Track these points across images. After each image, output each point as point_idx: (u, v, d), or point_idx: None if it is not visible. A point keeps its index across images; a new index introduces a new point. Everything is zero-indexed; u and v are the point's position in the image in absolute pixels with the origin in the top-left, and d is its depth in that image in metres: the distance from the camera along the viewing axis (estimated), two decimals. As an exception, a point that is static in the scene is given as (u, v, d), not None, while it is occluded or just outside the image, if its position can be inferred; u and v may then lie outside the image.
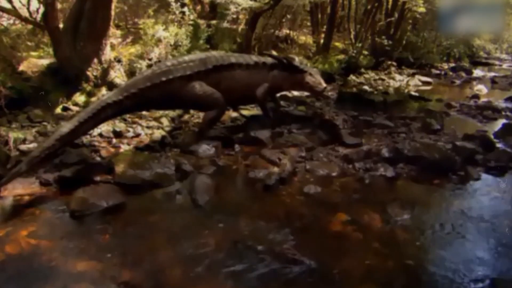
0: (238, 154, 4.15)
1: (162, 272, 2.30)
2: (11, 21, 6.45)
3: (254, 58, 4.96)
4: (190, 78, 4.27)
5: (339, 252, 2.58)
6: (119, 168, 3.37)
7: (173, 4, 6.95)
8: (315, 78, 4.89)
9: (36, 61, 5.37)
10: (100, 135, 4.32)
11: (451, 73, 13.49)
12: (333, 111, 6.10)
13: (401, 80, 10.13)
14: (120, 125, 4.62)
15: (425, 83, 10.68)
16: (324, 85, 4.74)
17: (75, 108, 4.97)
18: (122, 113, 4.40)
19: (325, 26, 11.23)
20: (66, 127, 3.42)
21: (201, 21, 7.45)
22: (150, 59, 5.99)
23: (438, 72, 13.51)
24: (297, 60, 5.56)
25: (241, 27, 8.94)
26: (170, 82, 4.15)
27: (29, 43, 6.17)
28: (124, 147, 4.12)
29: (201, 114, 4.82)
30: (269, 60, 4.99)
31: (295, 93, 6.76)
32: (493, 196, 3.51)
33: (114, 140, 4.28)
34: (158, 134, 4.52)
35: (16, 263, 2.28)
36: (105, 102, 3.76)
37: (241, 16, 9.05)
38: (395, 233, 2.83)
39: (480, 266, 2.47)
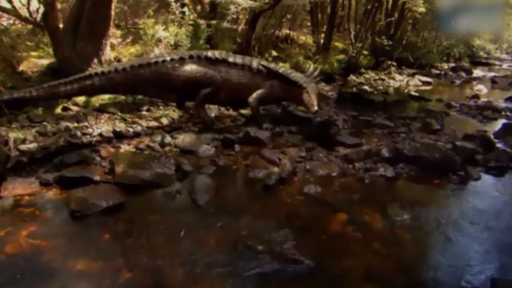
0: (238, 154, 4.14)
1: (162, 272, 2.30)
2: (11, 21, 6.44)
3: (254, 63, 4.96)
4: (183, 61, 4.61)
5: (339, 252, 2.58)
6: (119, 168, 3.37)
7: (173, 4, 6.96)
8: (310, 98, 4.74)
9: (36, 61, 5.38)
10: (100, 135, 4.32)
11: (451, 73, 13.51)
12: (333, 111, 6.10)
13: (401, 80, 10.15)
14: (120, 125, 4.61)
15: (425, 83, 10.69)
16: (316, 108, 4.69)
17: (75, 108, 4.96)
18: (111, 90, 4.64)
19: (325, 26, 11.23)
20: (47, 83, 3.77)
21: (201, 21, 7.45)
22: (150, 59, 5.98)
23: (438, 72, 13.53)
24: (312, 68, 5.46)
25: (241, 27, 8.94)
26: (162, 62, 4.53)
27: (29, 43, 6.17)
28: (124, 147, 4.11)
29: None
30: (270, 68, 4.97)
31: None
32: (493, 196, 3.51)
33: (114, 140, 4.28)
34: (158, 134, 4.52)
35: (16, 263, 2.28)
36: (93, 71, 4.10)
37: (241, 16, 9.04)
38: (395, 233, 2.83)
39: (480, 266, 2.47)
